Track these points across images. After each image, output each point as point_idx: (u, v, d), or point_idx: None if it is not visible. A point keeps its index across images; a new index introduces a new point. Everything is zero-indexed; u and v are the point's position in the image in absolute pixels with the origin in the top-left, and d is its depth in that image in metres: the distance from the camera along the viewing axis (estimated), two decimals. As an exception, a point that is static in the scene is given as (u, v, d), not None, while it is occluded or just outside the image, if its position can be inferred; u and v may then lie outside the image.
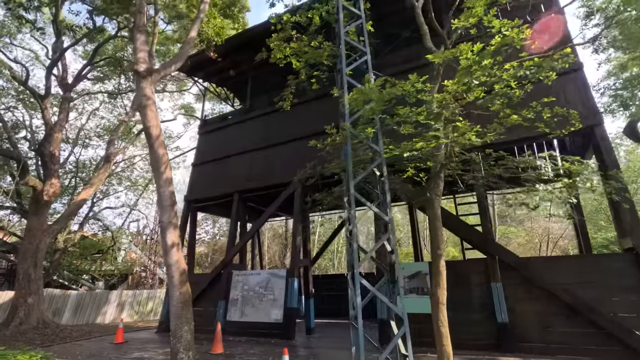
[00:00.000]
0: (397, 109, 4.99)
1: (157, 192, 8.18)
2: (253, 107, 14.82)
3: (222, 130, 15.08)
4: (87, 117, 22.31)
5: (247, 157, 13.64)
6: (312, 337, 10.93)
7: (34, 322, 14.12)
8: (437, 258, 5.37)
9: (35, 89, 15.66)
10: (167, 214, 8.08)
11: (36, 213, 15.32)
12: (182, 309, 7.88)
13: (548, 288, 7.83)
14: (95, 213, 24.01)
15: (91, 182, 18.05)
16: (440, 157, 5.71)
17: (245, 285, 11.72)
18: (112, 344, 10.40)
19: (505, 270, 8.36)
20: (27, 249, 14.81)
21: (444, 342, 4.95)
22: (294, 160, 12.29)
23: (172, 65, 8.73)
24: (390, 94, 4.72)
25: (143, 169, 26.55)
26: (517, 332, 7.91)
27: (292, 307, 10.53)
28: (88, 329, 15.44)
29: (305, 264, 11.75)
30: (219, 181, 13.94)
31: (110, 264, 29.24)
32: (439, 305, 5.13)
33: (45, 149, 15.54)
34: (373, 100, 4.83)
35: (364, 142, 5.94)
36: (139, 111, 8.08)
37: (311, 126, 12.11)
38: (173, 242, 8.06)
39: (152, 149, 8.02)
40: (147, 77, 8.07)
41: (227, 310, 11.66)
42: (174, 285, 7.94)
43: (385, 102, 4.88)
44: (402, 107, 4.98)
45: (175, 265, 8.00)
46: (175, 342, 7.64)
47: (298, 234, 11.45)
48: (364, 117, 5.26)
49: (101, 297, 19.81)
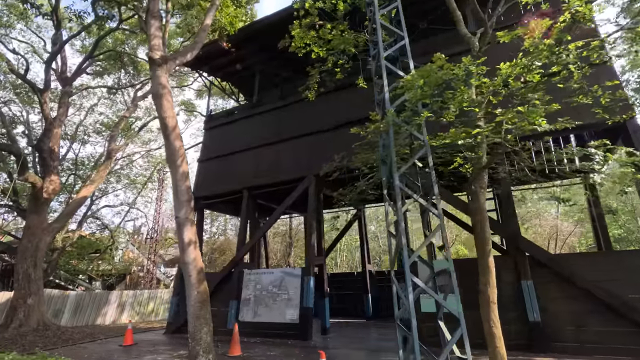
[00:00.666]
0: (446, 93, 4.63)
1: (172, 187, 7.76)
2: (261, 101, 14.39)
3: (229, 126, 14.64)
4: (86, 113, 21.70)
5: (255, 152, 13.23)
6: (329, 337, 10.56)
7: (34, 324, 13.59)
8: (484, 255, 5.04)
9: (34, 83, 15.05)
10: (183, 209, 7.67)
11: (35, 211, 14.77)
12: (201, 309, 7.49)
13: (582, 285, 7.54)
14: (94, 212, 23.38)
15: (92, 179, 17.52)
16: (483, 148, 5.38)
17: (258, 284, 11.32)
18: (120, 347, 9.95)
19: (535, 267, 8.07)
20: (27, 248, 14.27)
21: (497, 344, 4.62)
22: (308, 155, 11.93)
23: (188, 54, 8.31)
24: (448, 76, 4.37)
25: (142, 166, 25.97)
26: (549, 332, 7.62)
27: (308, 307, 10.15)
28: (90, 331, 14.92)
29: (320, 262, 11.38)
30: (226, 177, 13.51)
31: (108, 264, 28.62)
32: (489, 304, 4.80)
33: (44, 145, 14.99)
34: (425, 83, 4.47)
35: (404, 130, 5.57)
36: (154, 101, 7.65)
37: (328, 119, 11.76)
38: (190, 240, 7.66)
39: (168, 140, 7.60)
40: (162, 65, 7.65)
41: (239, 311, 11.25)
42: (192, 285, 7.55)
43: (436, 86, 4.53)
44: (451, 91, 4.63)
45: (192, 263, 7.60)
46: (194, 345, 7.24)
47: (313, 231, 11.08)
48: (411, 102, 4.90)
49: (101, 297, 19.27)
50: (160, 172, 29.19)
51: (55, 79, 16.36)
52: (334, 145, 11.43)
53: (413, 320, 4.38)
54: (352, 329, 12.38)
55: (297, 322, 10.12)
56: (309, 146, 11.97)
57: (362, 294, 15.48)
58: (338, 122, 11.55)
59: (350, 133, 11.03)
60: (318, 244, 11.25)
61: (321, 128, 11.85)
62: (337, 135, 11.48)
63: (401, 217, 4.79)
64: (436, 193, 5.00)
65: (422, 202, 5.01)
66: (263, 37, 13.44)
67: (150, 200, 29.00)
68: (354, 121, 11.22)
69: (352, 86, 11.41)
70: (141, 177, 26.22)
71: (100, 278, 28.64)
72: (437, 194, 5.01)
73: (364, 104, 11.22)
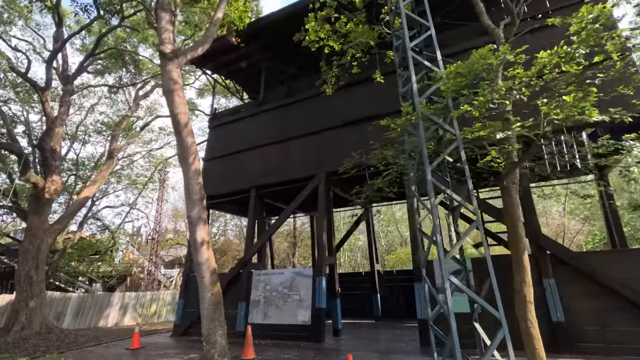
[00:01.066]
0: (481, 84, 4.42)
1: (184, 185, 7.52)
2: (267, 99, 14.15)
3: (234, 124, 14.39)
4: (86, 112, 21.38)
5: (263, 150, 12.99)
6: (341, 339, 10.33)
7: (37, 327, 13.31)
8: (519, 252, 4.83)
9: (35, 81, 14.75)
10: (196, 208, 7.44)
11: (37, 212, 14.48)
12: (215, 311, 7.26)
13: (606, 283, 7.35)
14: (95, 212, 23.06)
15: (94, 179, 17.24)
16: (514, 142, 5.18)
17: (268, 285, 11.08)
18: (128, 350, 9.69)
19: (556, 265, 7.87)
20: (28, 249, 13.97)
21: (536, 345, 4.41)
22: (317, 153, 11.71)
23: (199, 48, 8.07)
24: (483, 65, 4.16)
25: (143, 166, 25.66)
26: (573, 332, 7.42)
27: (320, 308, 9.92)
28: (93, 334, 14.65)
29: (331, 262, 11.15)
30: (233, 177, 13.26)
31: (109, 265, 28.29)
32: (526, 303, 4.59)
33: (46, 144, 14.69)
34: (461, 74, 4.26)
35: (430, 124, 5.35)
36: (165, 96, 7.40)
37: (338, 116, 11.54)
38: (203, 239, 7.43)
39: (179, 137, 7.36)
40: (173, 59, 7.41)
41: (248, 312, 11.01)
42: (205, 286, 7.30)
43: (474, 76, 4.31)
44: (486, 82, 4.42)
45: (205, 264, 7.36)
46: (209, 348, 7.01)
47: (323, 230, 10.85)
48: (446, 92, 4.66)
49: (103, 299, 18.97)
50: (161, 172, 28.89)
51: (56, 77, 16.08)
52: (345, 143, 11.24)
53: (452, 322, 4.16)
54: (363, 330, 12.17)
55: (310, 324, 9.89)
56: (319, 144, 11.75)
57: (370, 294, 15.26)
58: (349, 119, 11.34)
59: (361, 130, 10.93)
60: (328, 243, 11.01)
61: (331, 125, 11.62)
62: (347, 132, 11.28)
63: (436, 213, 4.57)
64: (470, 188, 4.79)
65: (456, 198, 4.80)
66: (269, 34, 13.22)
67: (151, 201, 28.66)
68: (365, 118, 11.04)
69: (362, 82, 11.24)
70: (142, 177, 25.89)
71: (101, 280, 28.30)
72: (472, 189, 4.81)
73: (376, 100, 11.03)
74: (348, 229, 17.37)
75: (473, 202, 4.75)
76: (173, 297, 22.51)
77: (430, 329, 4.69)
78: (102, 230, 26.29)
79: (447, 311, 4.21)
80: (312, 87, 12.98)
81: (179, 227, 32.24)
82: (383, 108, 10.64)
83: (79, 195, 16.40)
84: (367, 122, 10.96)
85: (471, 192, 4.80)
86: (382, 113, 10.56)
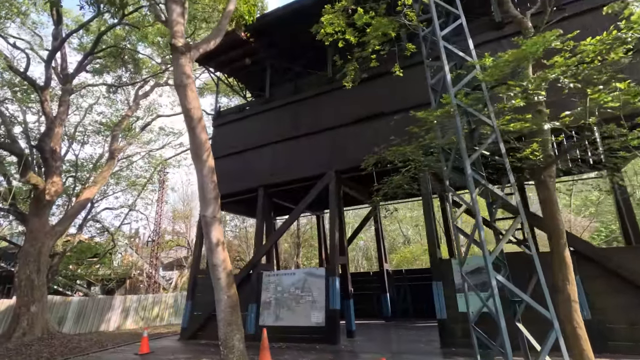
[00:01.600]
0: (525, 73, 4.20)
1: (198, 183, 7.24)
2: (273, 97, 13.88)
3: (240, 122, 14.10)
4: (85, 112, 20.97)
5: (271, 149, 12.72)
6: (356, 340, 10.09)
7: (39, 333, 12.96)
8: (560, 249, 4.61)
9: (35, 79, 14.38)
10: (210, 207, 7.17)
11: (37, 214, 14.11)
12: (232, 314, 6.99)
13: (632, 279, 7.17)
14: (95, 214, 22.64)
15: (94, 180, 16.89)
16: (547, 133, 4.96)
17: (279, 286, 10.81)
18: (137, 356, 9.37)
19: (580, 261, 7.68)
20: (29, 252, 13.59)
21: (584, 346, 4.19)
22: (327, 151, 11.47)
23: (211, 41, 7.78)
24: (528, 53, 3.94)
25: (142, 167, 25.25)
26: (600, 330, 7.23)
27: (334, 309, 9.67)
28: (96, 338, 14.29)
29: (343, 261, 10.91)
30: (240, 176, 12.97)
31: (108, 268, 27.85)
32: (570, 303, 4.36)
33: (45, 145, 14.32)
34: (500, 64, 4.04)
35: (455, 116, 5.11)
36: (177, 91, 7.12)
37: (349, 113, 11.30)
38: (218, 240, 7.16)
39: (193, 133, 7.08)
40: (185, 53, 7.12)
41: (259, 315, 10.73)
42: (221, 288, 7.03)
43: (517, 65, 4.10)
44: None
45: (221, 265, 7.09)
46: (227, 353, 6.74)
47: (335, 229, 10.60)
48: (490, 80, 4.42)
49: (104, 303, 18.58)
50: (160, 173, 28.49)
51: (54, 76, 15.70)
52: (356, 140, 11.01)
53: (502, 322, 3.92)
54: (376, 331, 11.93)
55: (324, 325, 9.64)
56: (329, 142, 11.50)
57: (379, 294, 15.03)
58: (360, 116, 11.11)
59: (374, 126, 10.70)
60: (340, 242, 10.77)
61: (341, 123, 11.38)
62: (358, 129, 11.04)
63: (477, 209, 4.34)
64: (512, 182, 4.57)
65: (497, 192, 4.57)
66: (275, 30, 12.96)
67: (151, 202, 28.23)
68: (377, 115, 10.82)
69: (374, 78, 11.00)
70: (141, 178, 25.49)
71: (100, 283, 27.85)
72: (514, 182, 4.59)
73: (389, 96, 10.81)
74: (354, 228, 17.09)
75: (515, 196, 4.53)
76: (175, 300, 22.17)
77: (473, 331, 4.45)
78: (100, 232, 25.85)
79: (496, 311, 3.97)
80: (320, 83, 12.74)
81: (178, 228, 31.83)
82: (396, 104, 10.44)
83: (80, 197, 16.03)
84: (379, 119, 10.75)
85: (513, 185, 4.58)
86: (395, 109, 10.38)
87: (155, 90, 21.36)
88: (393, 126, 8.74)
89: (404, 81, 9.10)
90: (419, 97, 9.95)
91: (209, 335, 11.34)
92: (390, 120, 10.44)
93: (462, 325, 8.16)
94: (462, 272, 4.78)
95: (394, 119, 8.12)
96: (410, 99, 10.12)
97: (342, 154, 11.10)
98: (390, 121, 10.41)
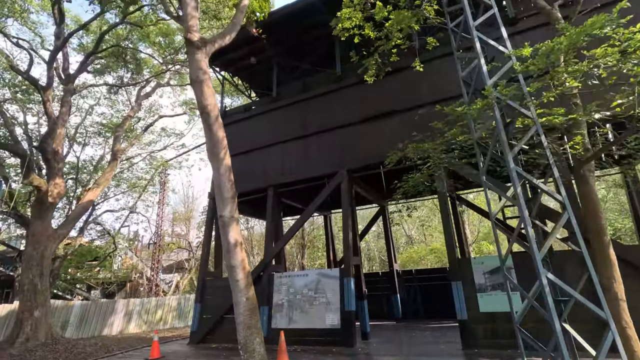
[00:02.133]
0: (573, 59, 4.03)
1: (215, 182, 7.02)
2: (280, 95, 13.67)
3: (247, 122, 13.88)
4: (85, 113, 20.66)
5: (280, 148, 12.51)
6: (372, 342, 9.87)
7: (42, 338, 12.65)
8: (603, 246, 4.45)
9: (37, 79, 14.09)
10: (228, 207, 6.94)
11: (40, 216, 13.80)
12: (251, 317, 6.75)
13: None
14: (96, 217, 22.31)
15: (97, 182, 16.58)
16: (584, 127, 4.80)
17: (291, 287, 10.58)
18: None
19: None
20: (32, 256, 13.28)
21: (634, 347, 4.01)
22: (339, 150, 11.28)
23: (227, 36, 7.57)
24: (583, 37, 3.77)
25: (143, 169, 24.94)
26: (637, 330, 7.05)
27: (350, 310, 9.47)
28: (101, 343, 13.99)
29: (357, 262, 10.70)
30: (247, 176, 12.73)
31: (109, 271, 27.47)
32: (618, 302, 4.19)
33: (47, 146, 14.02)
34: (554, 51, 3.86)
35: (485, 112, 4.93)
36: (193, 87, 6.90)
37: (360, 111, 11.11)
38: (236, 240, 6.93)
39: (210, 131, 6.86)
40: (201, 47, 6.91)
41: (271, 317, 10.50)
42: (240, 290, 6.80)
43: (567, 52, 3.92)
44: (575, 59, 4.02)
45: (239, 266, 6.86)
46: (247, 357, 6.50)
47: (349, 229, 10.40)
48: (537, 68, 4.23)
49: (107, 307, 18.26)
50: (161, 174, 28.17)
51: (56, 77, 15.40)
52: (368, 138, 10.83)
53: (557, 324, 3.72)
54: (390, 332, 11.71)
55: (339, 327, 9.42)
56: (340, 140, 11.31)
57: (389, 295, 14.83)
58: (371, 114, 10.93)
59: (388, 124, 10.52)
60: (354, 242, 10.56)
61: (352, 121, 11.20)
62: (370, 127, 10.87)
63: (523, 205, 4.14)
64: (556, 176, 4.39)
65: (542, 187, 4.38)
66: (282, 28, 12.76)
67: (151, 204, 27.89)
68: (390, 112, 10.65)
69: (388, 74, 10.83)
70: (142, 180, 25.17)
71: (101, 286, 27.46)
72: (558, 177, 4.40)
73: (400, 93, 10.64)
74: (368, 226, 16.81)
75: (561, 190, 4.34)
76: (179, 303, 21.87)
77: (519, 332, 4.26)
78: (101, 235, 25.49)
79: (550, 311, 3.77)
80: (329, 82, 12.54)
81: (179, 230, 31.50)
82: (409, 101, 10.28)
83: (83, 199, 15.72)
84: (392, 116, 10.58)
85: (558, 179, 4.40)
86: (408, 106, 10.22)
87: (155, 91, 21.09)
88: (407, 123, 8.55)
89: (416, 78, 8.92)
90: (434, 94, 9.80)
91: (220, 339, 11.10)
92: (402, 117, 10.30)
93: (483, 326, 7.99)
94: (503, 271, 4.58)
95: (418, 114, 7.92)
96: (424, 95, 9.97)
97: (354, 153, 10.91)
98: (404, 119, 10.27)
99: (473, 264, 8.46)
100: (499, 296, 8.06)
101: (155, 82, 20.32)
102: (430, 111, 7.69)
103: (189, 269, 29.06)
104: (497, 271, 8.29)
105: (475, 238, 22.39)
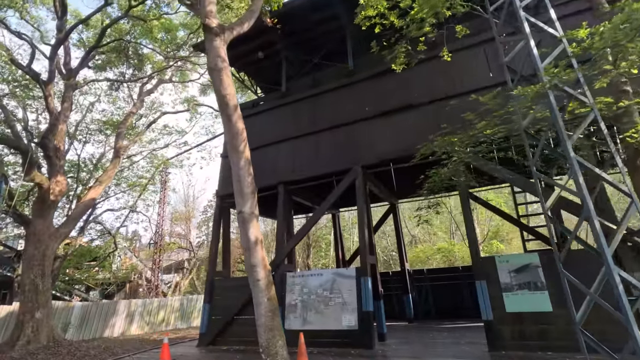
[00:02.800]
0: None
1: (234, 177, 6.67)
2: (289, 90, 13.33)
3: (255, 117, 13.51)
4: (86, 110, 20.22)
5: (291, 144, 12.16)
6: (390, 344, 9.55)
7: (44, 341, 12.20)
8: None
9: (39, 73, 13.67)
10: (248, 203, 6.60)
11: (41, 215, 13.36)
12: (272, 319, 6.41)
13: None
14: (96, 216, 21.85)
15: (99, 180, 16.14)
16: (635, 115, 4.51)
17: (305, 288, 10.24)
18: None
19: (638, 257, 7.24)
20: (33, 256, 12.84)
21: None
22: (352, 146, 10.96)
23: (245, 23, 7.24)
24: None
25: (144, 167, 24.50)
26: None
27: (367, 311, 9.14)
28: (104, 345, 13.56)
29: (373, 261, 10.38)
30: (257, 173, 12.27)
31: (108, 272, 26.98)
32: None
33: (49, 142, 13.59)
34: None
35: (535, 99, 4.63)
36: (212, 75, 6.55)
37: (379, 105, 10.81)
38: (256, 238, 6.59)
39: (229, 122, 6.52)
40: (220, 34, 6.56)
41: (284, 318, 10.15)
42: (261, 290, 6.45)
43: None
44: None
45: (260, 265, 6.52)
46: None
47: (365, 227, 10.08)
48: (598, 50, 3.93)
49: (108, 308, 17.82)
50: (162, 173, 27.73)
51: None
52: (384, 134, 10.52)
53: (634, 328, 3.40)
54: (406, 333, 11.39)
55: (357, 329, 9.09)
56: (353, 136, 10.98)
57: (401, 295, 14.52)
58: (385, 109, 10.62)
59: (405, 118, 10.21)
60: (369, 241, 10.24)
61: (366, 115, 10.88)
62: (386, 122, 10.56)
63: (588, 197, 3.83)
64: (620, 166, 4.08)
65: (605, 177, 4.08)
66: (294, 20, 12.42)
67: (152, 204, 27.42)
68: (407, 106, 10.34)
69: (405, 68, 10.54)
70: (143, 179, 24.72)
71: (100, 287, 26.97)
72: (622, 167, 4.10)
73: (416, 86, 10.33)
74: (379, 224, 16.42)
75: (627, 182, 4.04)
76: (181, 304, 21.45)
77: (581, 334, 3.95)
78: (100, 235, 25.01)
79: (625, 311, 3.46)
80: (340, 76, 12.22)
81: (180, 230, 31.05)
82: (425, 94, 9.99)
83: (85, 197, 15.30)
84: (408, 110, 10.28)
85: (622, 170, 4.10)
86: (427, 100, 9.93)
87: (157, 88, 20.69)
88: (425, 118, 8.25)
89: (433, 71, 8.62)
90: (456, 86, 9.50)
91: (229, 341, 10.74)
92: (419, 112, 10.01)
93: (511, 327, 7.70)
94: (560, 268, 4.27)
95: (450, 104, 7.58)
96: (442, 89, 9.68)
97: (369, 148, 10.60)
98: (421, 113, 9.98)
99: (498, 263, 8.17)
100: (527, 296, 7.77)
101: (157, 78, 19.92)
102: (455, 104, 7.40)
103: (190, 269, 28.64)
104: (524, 269, 8.00)
105: (485, 237, 22.15)
